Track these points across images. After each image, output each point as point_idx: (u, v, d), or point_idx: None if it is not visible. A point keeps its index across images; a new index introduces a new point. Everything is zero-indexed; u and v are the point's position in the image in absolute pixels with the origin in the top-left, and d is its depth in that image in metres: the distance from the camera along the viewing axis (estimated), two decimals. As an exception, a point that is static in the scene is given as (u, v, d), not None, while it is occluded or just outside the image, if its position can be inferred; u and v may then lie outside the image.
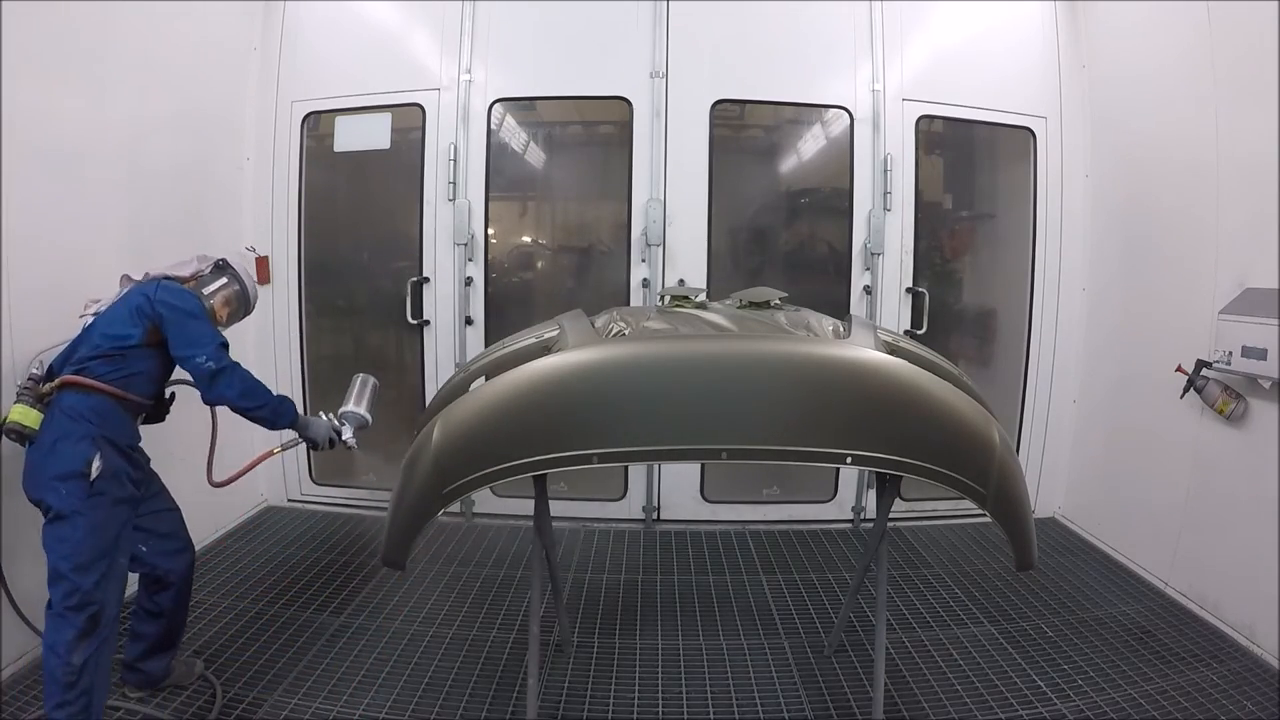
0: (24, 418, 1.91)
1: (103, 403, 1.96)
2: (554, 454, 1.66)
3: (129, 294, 2.09)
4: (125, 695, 2.15)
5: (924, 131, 3.59)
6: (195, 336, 2.02)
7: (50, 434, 1.91)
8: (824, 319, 1.97)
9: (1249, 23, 2.54)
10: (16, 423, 1.90)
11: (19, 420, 1.90)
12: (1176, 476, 2.88)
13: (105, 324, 2.02)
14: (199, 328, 2.04)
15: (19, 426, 1.90)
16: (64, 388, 1.94)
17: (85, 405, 1.94)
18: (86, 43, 2.52)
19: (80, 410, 1.93)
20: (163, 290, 2.06)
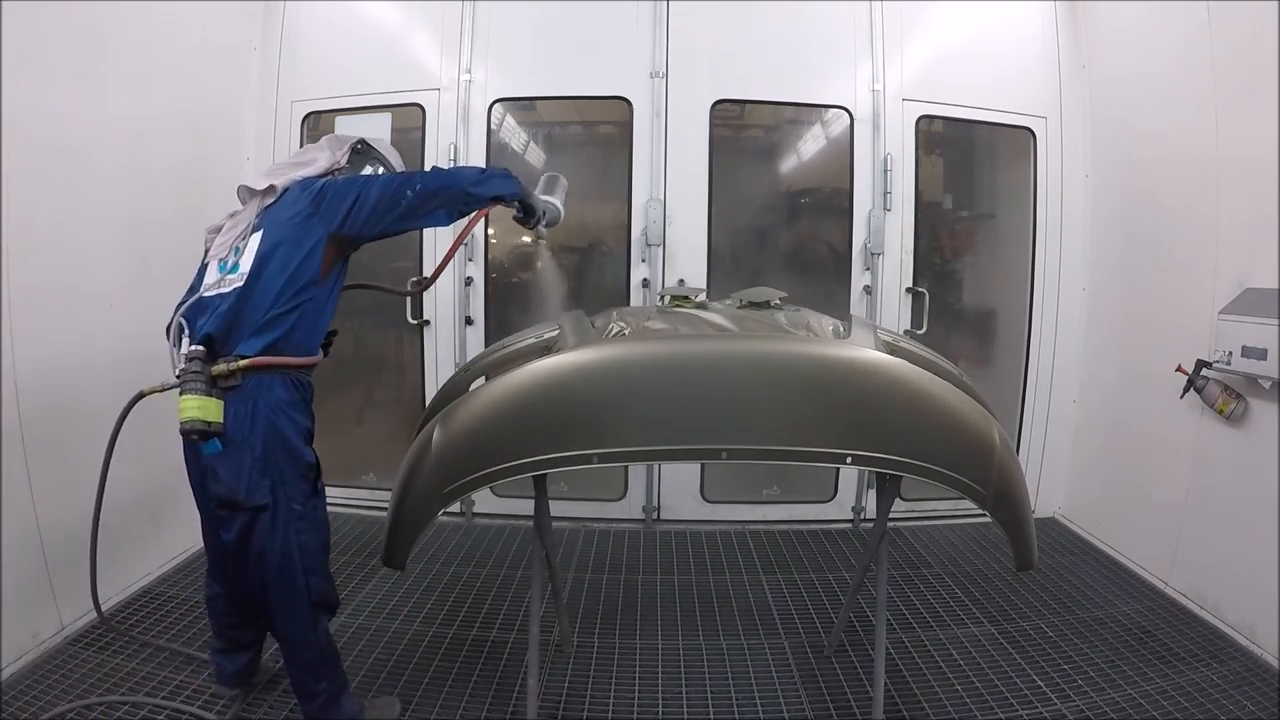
0: (204, 411, 1.61)
1: (302, 377, 1.77)
2: (554, 454, 1.67)
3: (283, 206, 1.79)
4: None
5: (924, 131, 3.59)
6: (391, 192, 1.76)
7: (254, 429, 1.69)
8: (824, 319, 1.97)
9: (1249, 23, 2.53)
10: (196, 420, 1.60)
11: (198, 416, 1.60)
12: (1176, 476, 2.88)
13: (286, 256, 1.71)
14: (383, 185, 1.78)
15: (200, 424, 1.61)
16: (253, 370, 1.67)
17: (288, 389, 1.74)
18: (86, 43, 2.52)
19: (284, 398, 1.72)
20: (332, 185, 1.79)
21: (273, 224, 1.77)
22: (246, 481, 1.70)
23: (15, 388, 2.24)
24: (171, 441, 2.99)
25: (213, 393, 1.64)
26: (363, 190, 1.77)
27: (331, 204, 1.77)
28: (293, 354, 1.73)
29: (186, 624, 2.55)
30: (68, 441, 2.46)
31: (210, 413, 1.63)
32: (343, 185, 1.79)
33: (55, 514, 2.36)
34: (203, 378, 1.63)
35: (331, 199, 1.77)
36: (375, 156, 2.02)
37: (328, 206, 1.77)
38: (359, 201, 1.76)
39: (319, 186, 1.80)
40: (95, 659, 2.30)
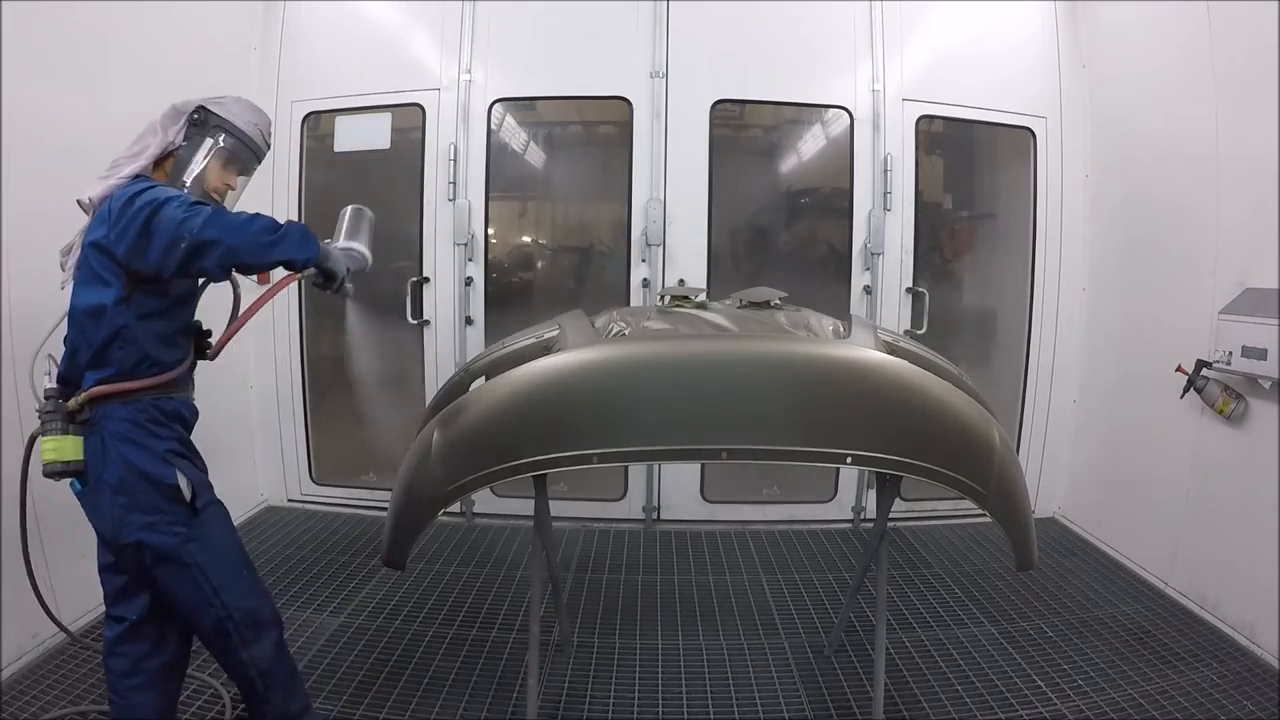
0: (60, 451, 1.55)
1: (155, 401, 1.62)
2: (554, 454, 1.66)
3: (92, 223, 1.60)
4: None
5: (924, 131, 3.59)
6: (159, 227, 1.47)
7: (106, 463, 1.57)
8: (824, 319, 1.97)
9: (1249, 23, 2.53)
10: (53, 461, 1.54)
11: (54, 457, 1.54)
12: (1176, 476, 2.88)
13: (86, 289, 1.58)
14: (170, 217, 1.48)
15: (59, 465, 1.54)
16: (96, 402, 1.57)
17: (136, 414, 1.60)
18: (86, 43, 2.52)
19: (128, 425, 1.58)
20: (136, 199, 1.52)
21: (85, 246, 1.59)
22: (110, 518, 1.59)
23: (15, 388, 2.24)
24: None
25: (70, 429, 1.56)
26: (154, 216, 1.48)
27: (121, 227, 1.50)
28: (130, 379, 1.58)
29: (186, 624, 2.55)
30: (68, 441, 2.46)
31: (66, 451, 1.55)
32: (141, 205, 1.50)
33: (55, 514, 2.36)
34: (58, 416, 1.55)
35: (124, 220, 1.50)
36: (219, 125, 1.71)
37: (119, 230, 1.51)
38: (150, 230, 1.48)
39: (122, 198, 1.54)
40: (95, 659, 2.30)
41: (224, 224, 1.51)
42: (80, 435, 1.57)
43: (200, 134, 1.71)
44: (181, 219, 1.47)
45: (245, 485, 3.62)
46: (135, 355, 1.59)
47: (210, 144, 1.72)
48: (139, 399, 1.60)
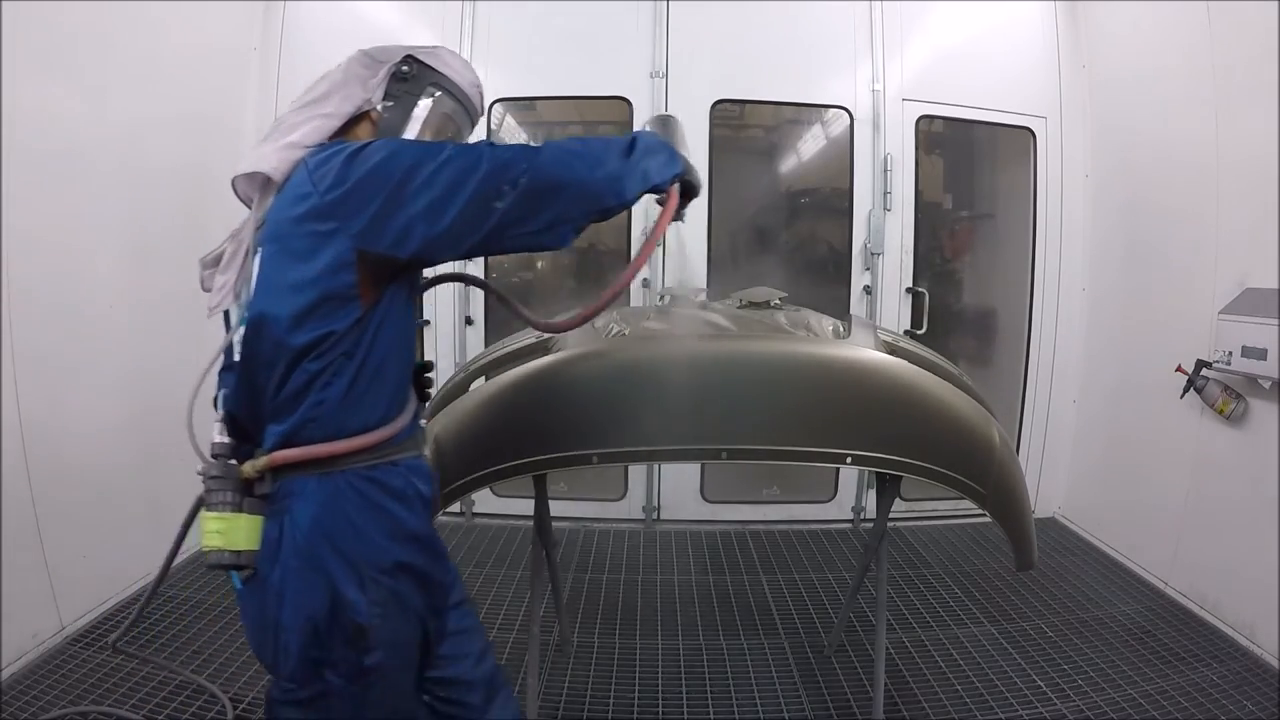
0: (230, 535, 1.10)
1: (373, 471, 1.15)
2: (554, 454, 1.66)
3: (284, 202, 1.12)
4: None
5: (924, 131, 3.59)
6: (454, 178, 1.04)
7: (270, 565, 1.12)
8: (824, 319, 1.97)
9: (1249, 23, 2.53)
10: (219, 549, 1.10)
11: (219, 544, 1.10)
12: (1176, 476, 2.88)
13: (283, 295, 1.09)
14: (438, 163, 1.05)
15: (227, 555, 1.11)
16: (281, 472, 1.12)
17: (334, 495, 1.12)
18: (86, 43, 2.52)
19: (321, 512, 1.12)
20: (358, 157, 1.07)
21: (272, 236, 1.11)
22: (273, 646, 1.15)
23: (15, 388, 2.24)
24: (172, 440, 3.02)
25: (245, 505, 1.11)
26: (412, 177, 1.04)
27: (354, 196, 1.05)
28: (331, 438, 1.11)
29: (186, 624, 2.55)
30: (68, 442, 2.46)
31: (237, 536, 1.10)
32: (378, 165, 1.05)
33: (55, 514, 2.36)
34: (229, 485, 1.10)
35: (355, 188, 1.05)
36: (436, 82, 1.24)
37: (348, 199, 1.05)
38: (405, 198, 1.04)
39: (337, 158, 1.07)
40: (95, 659, 2.30)
41: (559, 153, 1.06)
42: (259, 514, 1.12)
43: (410, 92, 1.23)
44: (491, 169, 1.03)
45: (245, 485, 3.61)
46: (343, 406, 1.12)
47: (426, 105, 1.24)
48: (348, 468, 1.13)
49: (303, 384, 1.11)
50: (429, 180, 1.04)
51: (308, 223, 1.07)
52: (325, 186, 1.06)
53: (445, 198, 1.04)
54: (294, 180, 1.12)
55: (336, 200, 1.06)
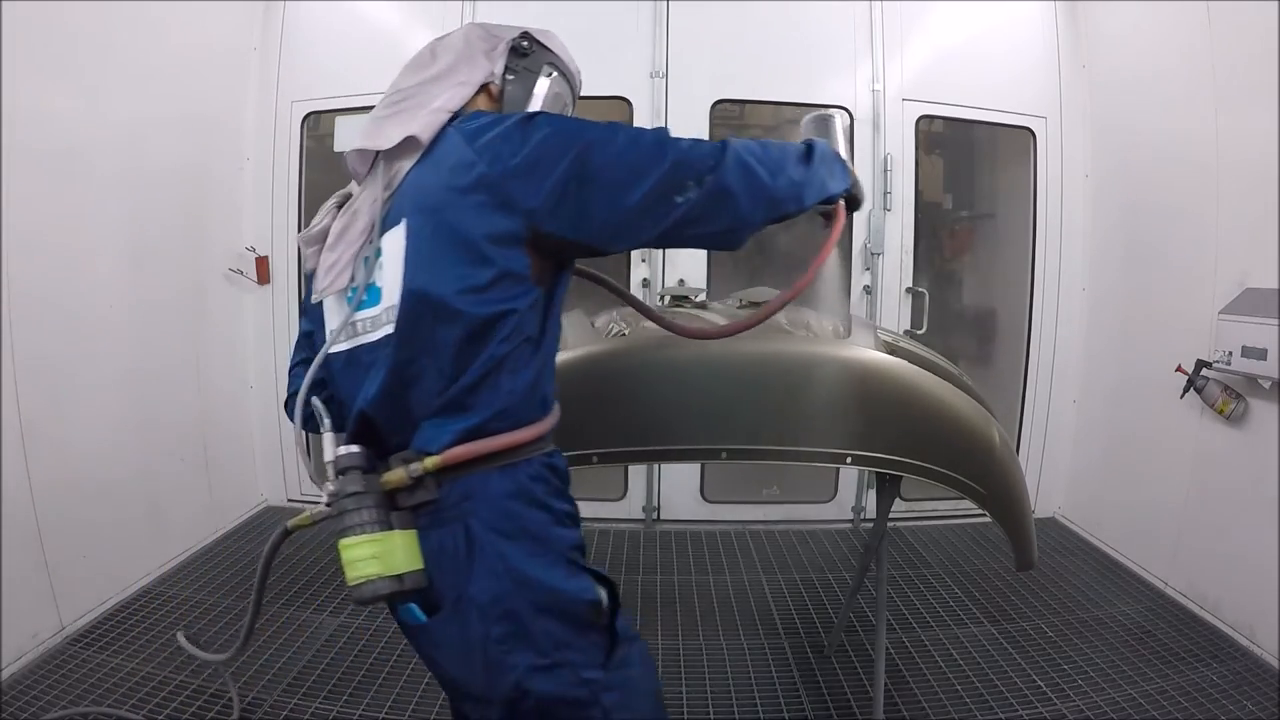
0: (389, 559, 0.95)
1: (548, 458, 1.08)
2: (554, 454, 1.66)
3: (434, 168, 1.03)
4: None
5: (924, 131, 3.59)
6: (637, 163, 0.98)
7: (471, 573, 0.99)
8: (824, 319, 1.97)
9: (1249, 24, 2.53)
10: (375, 577, 0.95)
11: (379, 571, 0.95)
12: (1176, 476, 2.88)
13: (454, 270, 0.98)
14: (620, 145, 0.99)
15: (385, 581, 0.95)
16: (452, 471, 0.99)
17: (526, 486, 1.03)
18: (86, 43, 2.52)
19: (516, 507, 1.02)
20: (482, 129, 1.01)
21: (424, 207, 1.00)
22: (483, 668, 1.01)
23: (15, 388, 2.24)
24: (175, 438, 3.02)
25: (393, 520, 0.97)
26: (589, 157, 0.97)
27: (529, 171, 0.97)
28: (513, 427, 1.02)
29: (186, 624, 2.55)
30: (68, 441, 2.46)
31: (395, 560, 0.96)
32: (551, 140, 0.98)
33: (55, 514, 2.36)
34: (370, 501, 0.96)
35: (529, 162, 0.97)
36: (551, 62, 1.21)
37: (522, 173, 0.98)
38: (585, 178, 0.98)
39: (499, 127, 1.00)
40: (95, 659, 2.30)
41: (743, 157, 1.02)
42: (412, 528, 0.99)
43: (528, 68, 1.19)
44: (678, 161, 0.98)
45: (245, 485, 3.62)
46: (522, 392, 1.03)
47: (545, 84, 1.20)
48: (530, 456, 1.04)
49: (489, 370, 0.99)
50: (609, 162, 0.98)
51: (475, 194, 0.98)
52: (493, 157, 0.98)
53: (627, 182, 0.98)
54: (446, 148, 1.03)
55: (508, 172, 0.98)
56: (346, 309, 1.08)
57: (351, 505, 0.97)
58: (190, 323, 3.15)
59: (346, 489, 0.98)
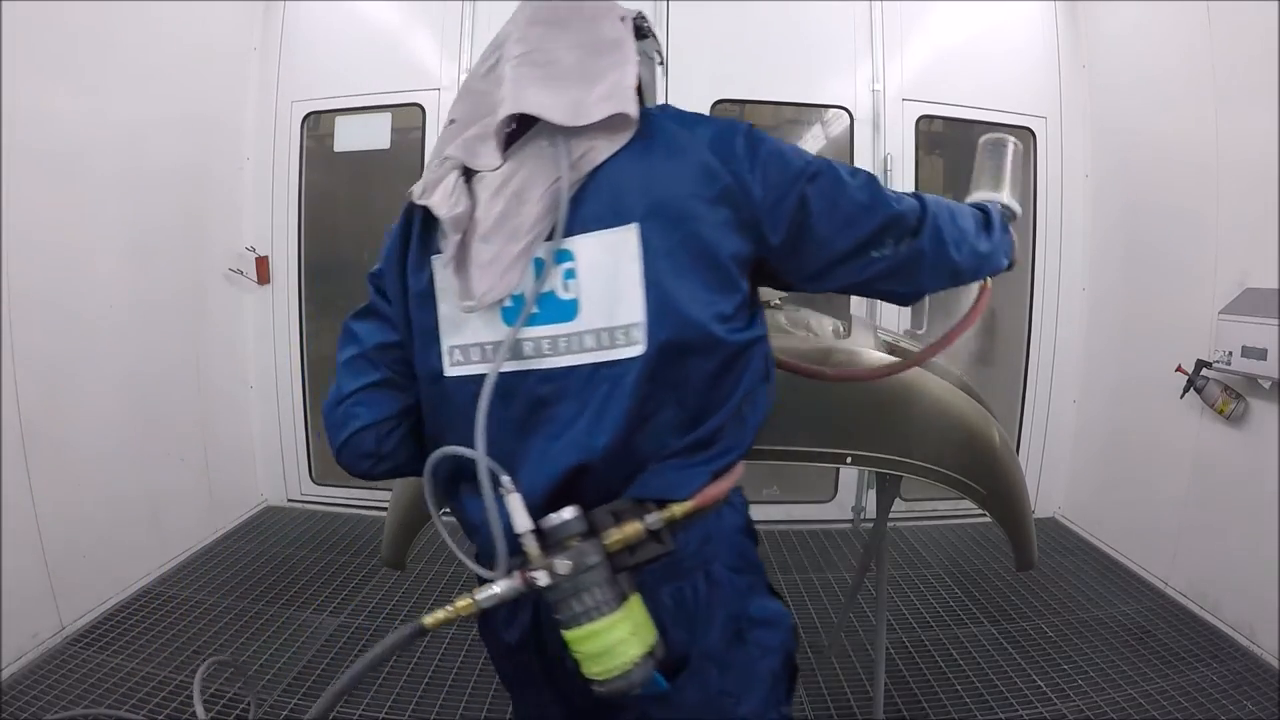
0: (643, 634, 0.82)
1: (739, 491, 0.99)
2: (554, 454, 1.66)
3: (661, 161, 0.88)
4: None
5: (924, 131, 3.59)
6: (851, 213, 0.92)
7: (711, 622, 0.90)
8: (824, 319, 1.97)
9: (1250, 23, 2.53)
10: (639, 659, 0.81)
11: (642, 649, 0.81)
12: (1176, 476, 2.88)
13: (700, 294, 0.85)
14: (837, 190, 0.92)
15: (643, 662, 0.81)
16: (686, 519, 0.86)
17: (745, 520, 0.99)
18: (86, 43, 2.52)
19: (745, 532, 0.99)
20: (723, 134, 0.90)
21: (663, 212, 0.85)
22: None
23: (15, 388, 2.24)
24: (175, 438, 3.02)
25: (626, 589, 0.83)
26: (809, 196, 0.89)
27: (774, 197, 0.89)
28: (740, 457, 0.93)
29: (186, 624, 2.55)
30: (68, 441, 2.46)
31: (647, 631, 0.83)
32: (776, 160, 0.89)
33: (55, 514, 2.36)
34: (603, 574, 0.81)
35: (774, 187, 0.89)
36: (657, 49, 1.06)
37: (770, 199, 0.88)
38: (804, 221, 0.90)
39: (737, 137, 0.89)
40: (95, 659, 2.30)
41: (939, 228, 0.98)
42: (635, 590, 0.84)
43: (645, 52, 1.02)
44: (889, 207, 0.94)
45: (245, 485, 3.62)
46: (764, 417, 0.96)
47: (658, 71, 1.07)
48: (737, 489, 0.97)
49: (741, 404, 0.90)
50: (826, 208, 0.91)
51: (721, 208, 0.86)
52: (735, 171, 0.87)
53: (839, 231, 0.92)
54: (670, 142, 0.88)
55: (755, 197, 0.88)
56: (497, 321, 0.88)
57: (593, 580, 0.80)
58: (190, 323, 3.15)
59: (586, 561, 0.81)
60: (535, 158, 0.87)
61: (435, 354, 0.93)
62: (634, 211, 0.85)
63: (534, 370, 0.88)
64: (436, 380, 0.93)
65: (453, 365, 0.92)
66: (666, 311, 0.84)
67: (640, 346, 0.85)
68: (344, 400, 0.99)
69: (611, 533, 0.83)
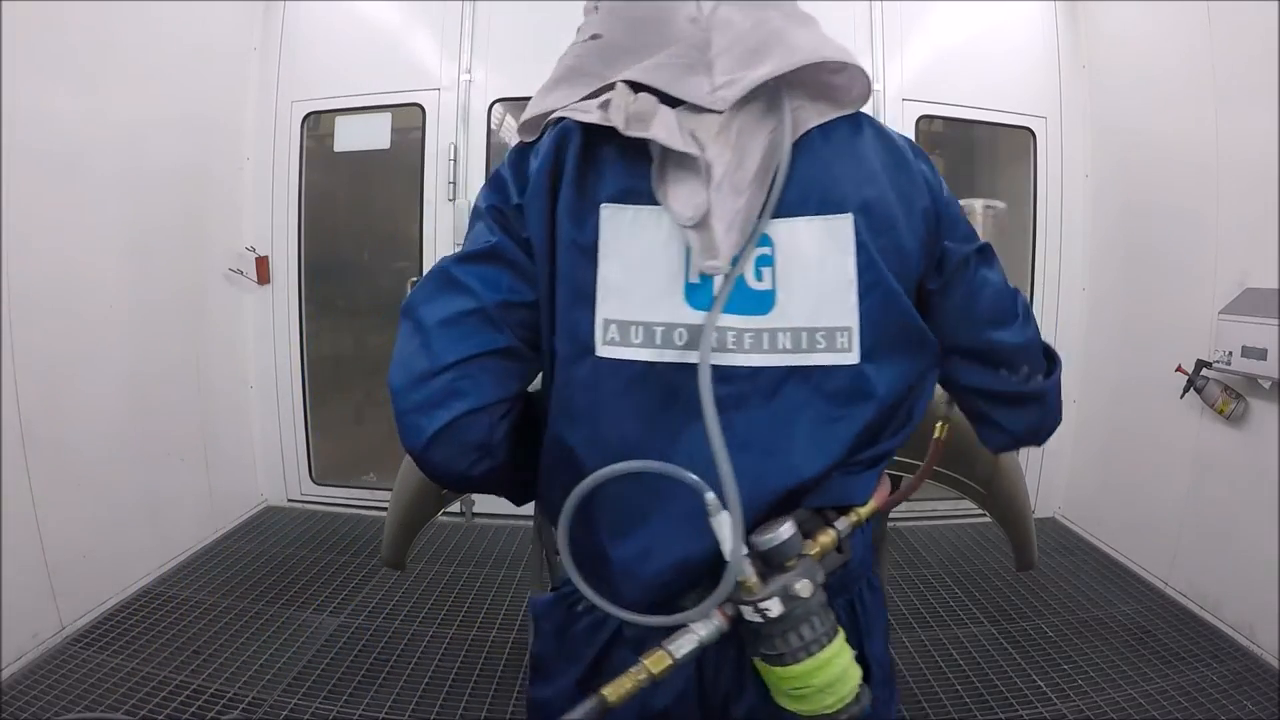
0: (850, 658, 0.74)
1: None
2: (554, 454, 1.66)
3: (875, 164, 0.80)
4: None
5: (924, 131, 3.59)
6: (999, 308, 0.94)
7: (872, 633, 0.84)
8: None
9: (1250, 23, 2.53)
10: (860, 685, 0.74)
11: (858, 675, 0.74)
12: (1176, 476, 2.88)
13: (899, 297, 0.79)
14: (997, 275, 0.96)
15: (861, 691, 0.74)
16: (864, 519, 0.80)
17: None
18: (86, 43, 2.52)
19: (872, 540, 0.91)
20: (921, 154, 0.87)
21: (873, 212, 0.78)
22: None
23: (15, 388, 2.24)
24: (175, 438, 3.02)
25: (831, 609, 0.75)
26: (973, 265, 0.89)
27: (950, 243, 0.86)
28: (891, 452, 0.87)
29: (186, 624, 2.55)
30: (68, 442, 2.46)
31: (850, 657, 0.75)
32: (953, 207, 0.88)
33: (55, 514, 2.36)
34: (823, 596, 0.73)
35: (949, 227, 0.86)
36: None
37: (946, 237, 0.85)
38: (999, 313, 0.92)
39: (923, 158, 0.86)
40: (95, 659, 2.30)
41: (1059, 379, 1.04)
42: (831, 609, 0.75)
43: None
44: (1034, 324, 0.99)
45: (245, 485, 3.62)
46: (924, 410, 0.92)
47: None
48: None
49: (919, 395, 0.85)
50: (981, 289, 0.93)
51: (920, 224, 0.81)
52: (937, 196, 0.84)
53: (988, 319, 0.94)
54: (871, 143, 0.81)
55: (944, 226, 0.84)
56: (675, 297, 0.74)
57: (816, 605, 0.71)
58: (190, 323, 3.15)
59: (818, 582, 0.72)
60: (747, 116, 0.76)
61: (586, 323, 0.74)
62: (848, 201, 0.76)
63: (734, 368, 0.74)
64: (581, 357, 0.75)
65: (606, 344, 0.74)
66: (880, 317, 0.77)
67: (853, 355, 0.76)
68: (443, 371, 0.73)
69: (810, 544, 0.74)
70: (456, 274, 0.77)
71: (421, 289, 0.79)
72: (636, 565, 0.75)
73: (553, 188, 0.75)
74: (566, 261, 0.75)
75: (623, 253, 0.74)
